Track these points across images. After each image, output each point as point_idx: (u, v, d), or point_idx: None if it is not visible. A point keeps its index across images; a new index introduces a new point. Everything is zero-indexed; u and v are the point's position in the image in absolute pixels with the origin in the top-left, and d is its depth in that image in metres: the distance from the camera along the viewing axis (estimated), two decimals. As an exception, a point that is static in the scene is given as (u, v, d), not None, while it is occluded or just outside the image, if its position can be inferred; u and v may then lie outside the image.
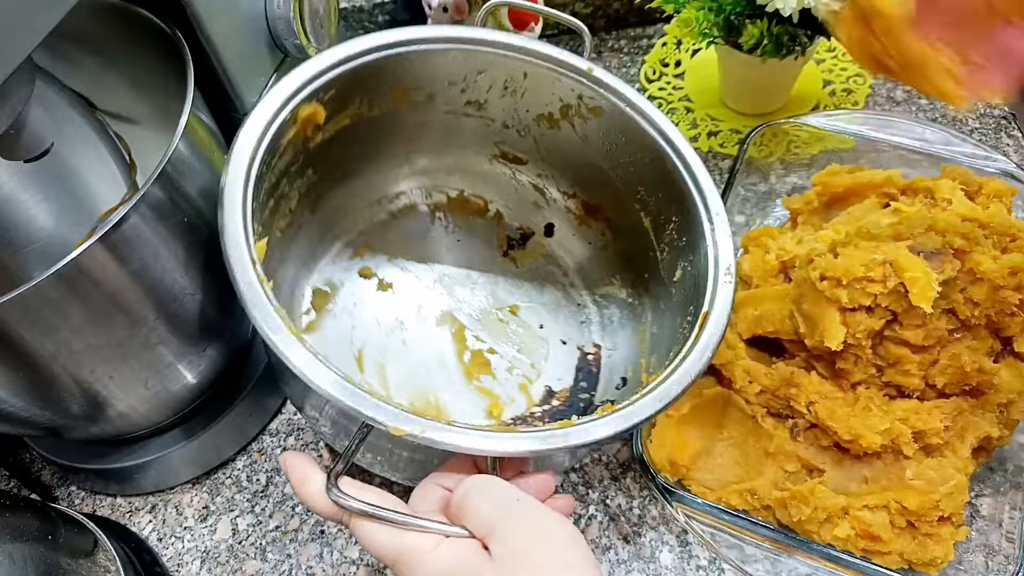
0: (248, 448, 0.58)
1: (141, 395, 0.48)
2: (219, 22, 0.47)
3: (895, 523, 0.43)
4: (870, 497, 0.44)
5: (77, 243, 0.38)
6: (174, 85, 0.45)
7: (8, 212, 0.56)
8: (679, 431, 0.49)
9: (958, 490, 0.43)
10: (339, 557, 0.53)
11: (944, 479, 0.43)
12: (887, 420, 0.45)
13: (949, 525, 0.43)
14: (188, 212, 0.44)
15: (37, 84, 0.42)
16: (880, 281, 0.44)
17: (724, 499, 0.47)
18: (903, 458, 0.45)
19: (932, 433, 0.44)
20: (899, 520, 0.43)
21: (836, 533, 0.44)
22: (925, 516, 0.43)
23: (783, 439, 0.48)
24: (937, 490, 0.43)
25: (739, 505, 0.47)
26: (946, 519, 0.43)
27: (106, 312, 0.42)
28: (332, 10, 0.55)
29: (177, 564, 0.53)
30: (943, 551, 0.42)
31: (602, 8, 0.80)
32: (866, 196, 0.56)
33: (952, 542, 0.43)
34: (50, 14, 0.35)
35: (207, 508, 0.56)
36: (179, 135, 0.42)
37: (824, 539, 0.44)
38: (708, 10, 0.62)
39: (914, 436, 0.45)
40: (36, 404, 0.46)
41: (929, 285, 0.43)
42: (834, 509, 0.44)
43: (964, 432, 0.44)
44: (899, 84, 0.73)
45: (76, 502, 0.57)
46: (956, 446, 0.44)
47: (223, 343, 0.52)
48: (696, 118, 0.73)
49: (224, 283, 0.39)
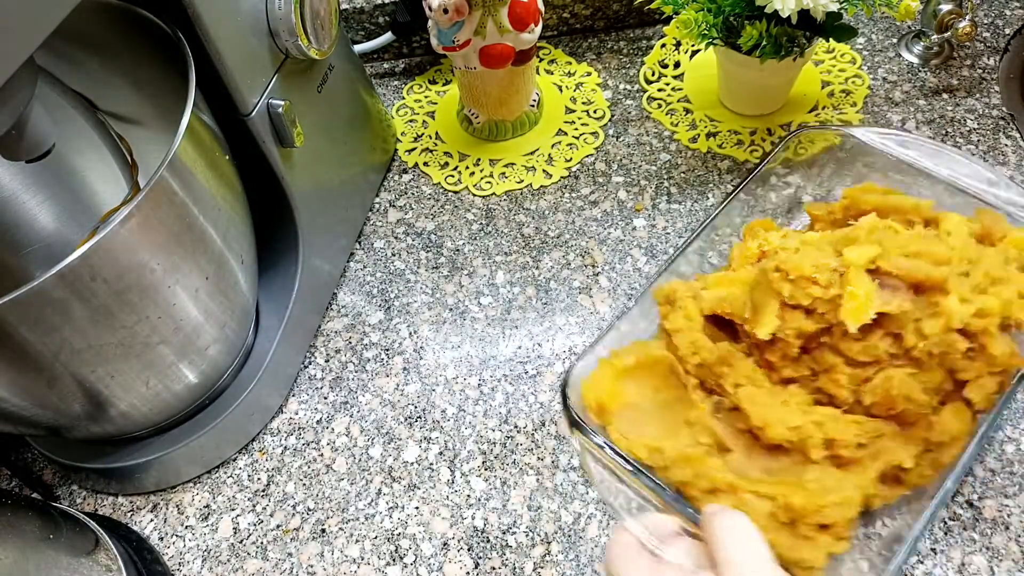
0: (249, 447, 0.58)
1: (142, 395, 0.49)
2: (220, 23, 0.47)
3: (777, 516, 0.43)
4: (761, 485, 0.44)
5: (79, 243, 0.38)
6: (175, 86, 0.45)
7: (10, 212, 0.57)
8: (618, 380, 0.49)
9: (847, 504, 0.42)
10: (340, 556, 0.53)
11: (838, 490, 0.43)
12: (801, 419, 0.45)
13: (829, 535, 0.43)
14: (189, 212, 0.44)
15: (39, 85, 0.42)
16: (823, 286, 0.44)
17: (632, 451, 0.47)
18: (809, 462, 0.45)
19: (843, 445, 0.44)
20: (782, 515, 0.43)
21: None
22: (806, 518, 0.42)
23: (704, 413, 0.48)
24: (826, 498, 0.42)
25: (644, 459, 0.47)
26: (827, 528, 0.43)
27: (108, 312, 0.42)
28: (333, 11, 0.56)
29: (178, 563, 0.54)
30: (814, 557, 0.42)
31: (601, 9, 0.80)
32: (888, 216, 0.55)
33: (827, 551, 0.42)
34: (52, 15, 0.35)
35: (208, 507, 0.56)
36: (181, 135, 0.42)
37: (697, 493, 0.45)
38: (707, 11, 0.62)
39: (825, 444, 0.44)
40: (38, 404, 0.46)
41: (865, 307, 0.43)
42: (721, 483, 0.44)
43: (878, 455, 0.44)
44: (897, 86, 0.73)
45: (77, 501, 0.57)
46: (867, 465, 0.44)
47: (225, 342, 0.52)
48: (695, 119, 0.74)
49: (224, 282, 0.39)
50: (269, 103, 0.53)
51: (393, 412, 0.59)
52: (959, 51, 0.75)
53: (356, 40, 0.80)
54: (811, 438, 0.44)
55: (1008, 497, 0.50)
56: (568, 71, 0.80)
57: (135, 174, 0.54)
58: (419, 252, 0.68)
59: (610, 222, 0.67)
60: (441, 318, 0.64)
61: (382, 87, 0.82)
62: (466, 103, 0.74)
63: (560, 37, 0.82)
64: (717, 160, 0.71)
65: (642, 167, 0.71)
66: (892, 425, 0.44)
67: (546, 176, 0.72)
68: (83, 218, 0.59)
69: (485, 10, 0.64)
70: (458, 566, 0.51)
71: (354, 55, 0.68)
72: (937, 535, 0.49)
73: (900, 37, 0.77)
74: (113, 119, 0.55)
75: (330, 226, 0.64)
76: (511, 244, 0.67)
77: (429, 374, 0.61)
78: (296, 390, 0.61)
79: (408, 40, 0.82)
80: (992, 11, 0.78)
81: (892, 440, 0.44)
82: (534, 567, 0.51)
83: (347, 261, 0.68)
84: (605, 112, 0.75)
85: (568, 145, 0.74)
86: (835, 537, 0.43)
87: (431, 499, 0.54)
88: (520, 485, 0.54)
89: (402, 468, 0.56)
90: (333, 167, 0.63)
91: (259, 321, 0.59)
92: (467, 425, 0.58)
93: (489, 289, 0.65)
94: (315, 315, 0.64)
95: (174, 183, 0.42)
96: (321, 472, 0.57)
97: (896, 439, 0.44)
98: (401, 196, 0.73)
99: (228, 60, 0.48)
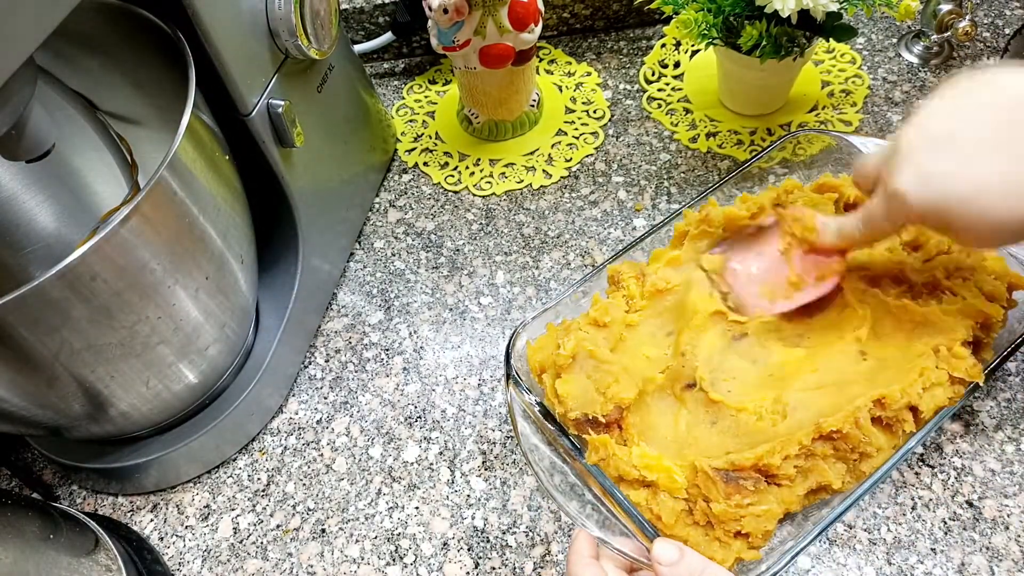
0: (249, 447, 0.58)
1: (142, 395, 0.49)
2: (220, 23, 0.47)
3: (695, 513, 0.44)
4: (688, 479, 0.45)
5: (78, 243, 0.38)
6: (175, 86, 0.45)
7: (10, 212, 0.57)
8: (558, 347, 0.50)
9: (767, 517, 0.43)
10: (339, 556, 0.53)
11: (760, 503, 0.43)
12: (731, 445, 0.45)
13: (743, 541, 0.44)
14: (189, 212, 0.44)
15: (39, 85, 0.42)
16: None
17: (568, 415, 0.48)
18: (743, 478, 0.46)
19: (776, 468, 0.44)
20: (699, 515, 0.44)
21: (630, 493, 0.45)
22: (724, 525, 0.43)
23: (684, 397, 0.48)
24: (747, 508, 0.43)
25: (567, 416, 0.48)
26: (743, 535, 0.43)
27: (108, 312, 0.42)
28: (333, 11, 0.56)
29: (178, 563, 0.54)
30: (723, 558, 0.43)
31: (601, 9, 0.80)
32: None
33: (737, 556, 0.43)
34: (52, 15, 0.35)
35: (208, 507, 0.56)
36: (181, 135, 0.42)
37: (613, 475, 0.46)
38: (707, 11, 0.62)
39: (763, 469, 0.45)
40: (38, 404, 0.46)
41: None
42: (625, 472, 0.45)
43: (808, 473, 0.45)
44: (897, 86, 0.73)
45: (78, 501, 0.57)
46: (797, 483, 0.44)
47: (225, 342, 0.52)
48: (695, 119, 0.74)
49: (224, 282, 0.39)
50: (269, 103, 0.53)
51: (393, 412, 0.59)
52: (959, 51, 0.75)
53: (356, 40, 0.80)
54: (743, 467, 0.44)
55: (1008, 497, 0.50)
56: (568, 71, 0.80)
57: (135, 174, 0.54)
58: (419, 252, 0.68)
59: (610, 222, 0.67)
60: (441, 318, 0.64)
61: (382, 87, 0.82)
62: (466, 103, 0.74)
63: (560, 37, 0.82)
64: (717, 160, 0.71)
65: (642, 167, 0.71)
66: (828, 447, 0.44)
67: (546, 176, 0.72)
68: (83, 218, 0.59)
69: (485, 10, 0.64)
70: (458, 566, 0.51)
71: (354, 55, 0.68)
72: (937, 535, 0.49)
73: (900, 37, 0.77)
74: (113, 119, 0.55)
75: (330, 226, 0.64)
76: (511, 244, 0.67)
77: (429, 374, 0.61)
78: (296, 390, 0.61)
79: (408, 40, 0.82)
80: (992, 11, 0.78)
81: (824, 462, 0.44)
82: (534, 567, 0.51)
83: (347, 261, 0.68)
84: (605, 112, 0.76)
85: (568, 145, 0.74)
86: (749, 545, 0.43)
87: (431, 499, 0.54)
88: (520, 485, 0.54)
89: (402, 468, 0.56)
90: (333, 167, 0.63)
91: (259, 321, 0.59)
92: (467, 425, 0.58)
93: (489, 289, 0.65)
94: (315, 315, 0.64)
95: (174, 183, 0.42)
96: (321, 472, 0.57)
97: (827, 460, 0.44)
98: (401, 196, 0.73)
99: (228, 60, 0.48)
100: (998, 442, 0.52)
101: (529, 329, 0.52)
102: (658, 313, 0.51)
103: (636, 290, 0.52)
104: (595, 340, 0.50)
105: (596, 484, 0.46)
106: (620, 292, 0.53)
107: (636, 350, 0.50)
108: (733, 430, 0.45)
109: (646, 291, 0.52)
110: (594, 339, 0.50)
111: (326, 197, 0.63)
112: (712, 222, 0.53)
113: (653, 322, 0.51)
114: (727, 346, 0.49)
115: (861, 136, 0.60)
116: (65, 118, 0.53)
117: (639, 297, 0.52)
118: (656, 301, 0.52)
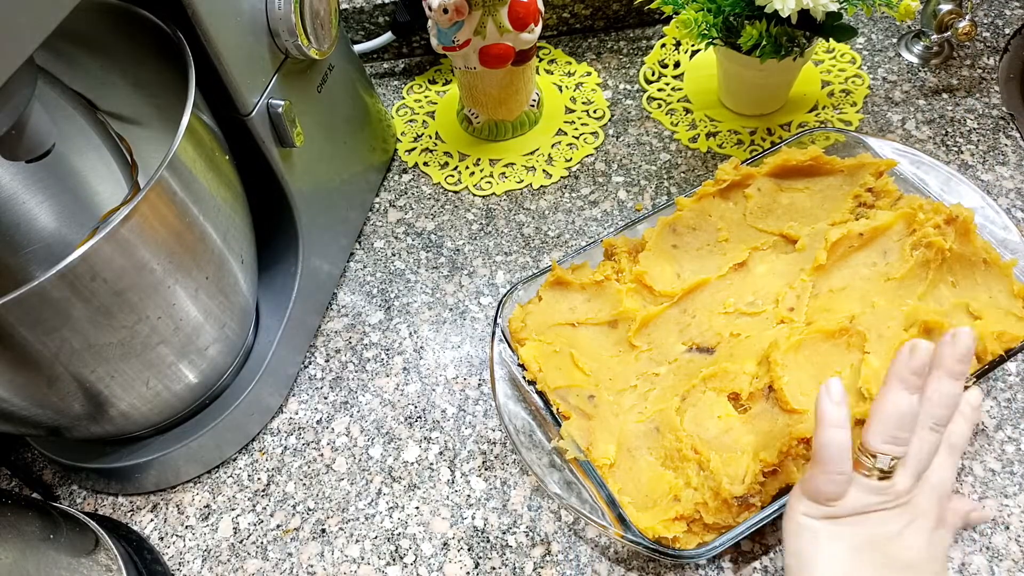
0: (249, 447, 0.58)
1: (142, 394, 0.49)
2: (220, 23, 0.47)
3: (679, 514, 0.46)
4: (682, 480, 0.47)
5: (78, 243, 0.38)
6: (175, 86, 0.45)
7: (10, 212, 0.57)
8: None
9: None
10: (340, 556, 0.53)
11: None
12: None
13: (715, 533, 0.46)
14: (189, 212, 0.44)
15: (39, 85, 0.42)
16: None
17: (553, 385, 0.52)
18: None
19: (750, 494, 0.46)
20: (687, 512, 0.46)
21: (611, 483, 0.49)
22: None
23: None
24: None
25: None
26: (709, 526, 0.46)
27: (108, 312, 0.42)
28: (333, 11, 0.56)
29: (178, 563, 0.54)
30: (685, 542, 0.45)
31: (601, 9, 0.80)
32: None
33: (699, 540, 0.46)
34: (52, 15, 0.35)
35: (208, 507, 0.56)
36: (181, 135, 0.42)
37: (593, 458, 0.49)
38: (707, 11, 0.62)
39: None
40: (38, 404, 0.46)
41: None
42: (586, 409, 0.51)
43: (773, 485, 0.46)
44: (897, 85, 0.73)
45: (78, 501, 0.57)
46: (765, 498, 0.46)
47: (225, 342, 0.52)
48: (695, 119, 0.74)
49: (223, 282, 0.39)
50: (269, 103, 0.53)
51: (393, 412, 0.59)
52: (959, 51, 0.75)
53: (356, 40, 0.80)
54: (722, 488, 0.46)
55: (1008, 497, 0.50)
56: (568, 71, 0.80)
57: (135, 174, 0.54)
58: (419, 252, 0.68)
59: (610, 222, 0.67)
60: (441, 318, 0.64)
61: (382, 87, 0.82)
62: (466, 103, 0.74)
63: (560, 37, 0.82)
64: (717, 160, 0.71)
65: (642, 167, 0.71)
66: (800, 458, 0.45)
67: (546, 176, 0.72)
68: (83, 218, 0.59)
69: (485, 10, 0.64)
70: (458, 566, 0.51)
71: (354, 55, 0.68)
72: (937, 535, 0.49)
73: (900, 37, 0.77)
74: (113, 119, 0.55)
75: (330, 226, 0.64)
76: (511, 244, 0.67)
77: (429, 374, 0.61)
78: (296, 390, 0.61)
79: (408, 40, 0.82)
80: (992, 11, 0.78)
81: (800, 472, 0.45)
82: (534, 567, 0.51)
83: (347, 261, 0.68)
84: (605, 112, 0.76)
85: (568, 145, 0.74)
86: (711, 531, 0.46)
87: (431, 499, 0.54)
88: (520, 485, 0.54)
89: (402, 468, 0.56)
90: (333, 167, 0.63)
91: (259, 321, 0.59)
92: (467, 425, 0.58)
93: (489, 289, 0.65)
94: (315, 315, 0.64)
95: (174, 183, 0.42)
96: (321, 472, 0.57)
97: (801, 469, 0.45)
98: (401, 196, 0.73)
99: (228, 60, 0.48)
100: (998, 442, 0.52)
101: (519, 293, 0.57)
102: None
103: (627, 264, 0.56)
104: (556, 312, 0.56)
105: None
106: (611, 264, 0.58)
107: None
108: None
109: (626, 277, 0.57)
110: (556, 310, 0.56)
111: (326, 197, 0.63)
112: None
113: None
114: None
115: (879, 139, 0.61)
116: (65, 118, 0.53)
117: (628, 272, 0.56)
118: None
